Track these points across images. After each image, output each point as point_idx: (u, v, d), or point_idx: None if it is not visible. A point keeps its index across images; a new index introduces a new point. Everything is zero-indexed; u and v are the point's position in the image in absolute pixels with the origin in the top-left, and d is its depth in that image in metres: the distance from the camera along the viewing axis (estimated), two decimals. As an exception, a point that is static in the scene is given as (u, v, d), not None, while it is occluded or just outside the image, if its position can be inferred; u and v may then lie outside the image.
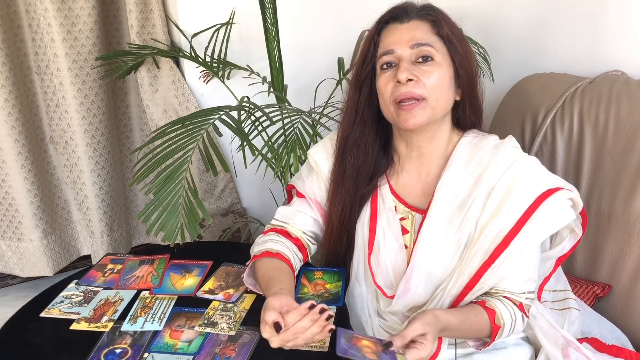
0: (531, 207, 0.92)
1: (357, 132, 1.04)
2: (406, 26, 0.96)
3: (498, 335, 0.94)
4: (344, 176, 1.06)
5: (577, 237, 1.01)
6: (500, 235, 0.93)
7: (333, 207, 1.08)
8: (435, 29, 0.96)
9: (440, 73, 0.94)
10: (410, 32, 0.95)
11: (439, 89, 0.94)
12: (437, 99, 0.94)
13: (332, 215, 1.08)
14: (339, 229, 1.08)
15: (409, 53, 0.94)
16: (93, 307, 1.03)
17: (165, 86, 1.79)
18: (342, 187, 1.06)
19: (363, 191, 1.06)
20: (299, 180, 1.14)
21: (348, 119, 1.05)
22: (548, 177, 0.96)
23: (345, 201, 1.06)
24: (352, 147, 1.05)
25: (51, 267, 1.85)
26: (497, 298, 0.96)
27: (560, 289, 1.14)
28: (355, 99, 1.03)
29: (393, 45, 0.95)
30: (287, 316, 0.82)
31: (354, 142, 1.05)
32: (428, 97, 0.93)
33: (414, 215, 1.03)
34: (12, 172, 1.70)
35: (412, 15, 0.97)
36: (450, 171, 0.99)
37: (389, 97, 0.96)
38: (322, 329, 0.82)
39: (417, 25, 0.96)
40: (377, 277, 1.03)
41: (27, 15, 1.64)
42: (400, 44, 0.95)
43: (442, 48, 0.96)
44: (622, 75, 1.37)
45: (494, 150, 0.99)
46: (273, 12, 1.53)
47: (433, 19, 0.97)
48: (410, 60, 0.94)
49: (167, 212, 1.08)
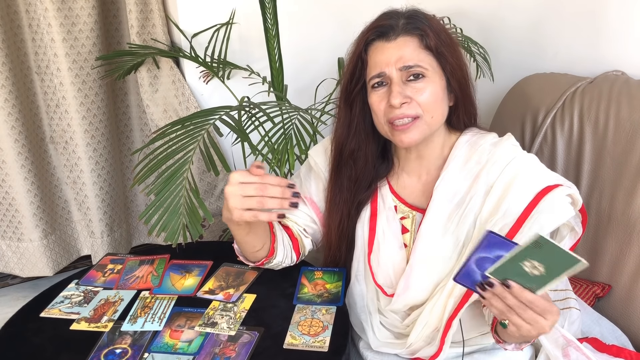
0: (531, 203, 0.92)
1: (353, 144, 1.03)
2: (393, 45, 0.94)
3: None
4: (342, 188, 1.06)
5: (577, 236, 1.01)
6: (502, 233, 0.92)
7: (331, 217, 1.08)
8: (423, 43, 0.94)
9: (433, 88, 0.94)
10: (399, 51, 0.93)
11: (433, 105, 0.94)
12: (431, 115, 0.95)
13: (331, 225, 1.09)
14: (338, 238, 1.09)
15: (399, 74, 0.94)
16: (93, 307, 1.03)
17: (165, 86, 1.79)
18: (339, 198, 1.07)
19: (361, 197, 1.06)
20: (297, 179, 1.16)
21: (341, 132, 1.04)
22: (547, 174, 0.96)
23: (343, 211, 1.07)
24: (348, 159, 1.05)
25: (51, 267, 1.85)
26: None
27: (561, 288, 1.14)
28: (347, 115, 1.03)
29: (382, 67, 0.94)
30: (254, 170, 0.85)
31: (349, 154, 1.04)
32: (422, 114, 0.94)
33: (414, 215, 1.03)
34: (12, 172, 1.70)
35: (399, 31, 0.94)
36: (448, 170, 0.99)
37: (382, 118, 0.96)
38: (283, 197, 0.85)
39: (405, 43, 0.94)
40: (377, 276, 1.04)
41: (27, 15, 1.64)
42: (389, 65, 0.93)
43: (431, 62, 0.95)
44: (622, 75, 1.37)
45: (493, 149, 0.99)
46: (273, 12, 1.53)
47: (420, 32, 0.94)
48: (402, 79, 0.94)
49: (169, 213, 1.08)
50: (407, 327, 1.02)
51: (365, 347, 1.08)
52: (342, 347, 0.92)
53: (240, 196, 0.86)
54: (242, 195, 0.86)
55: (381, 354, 1.05)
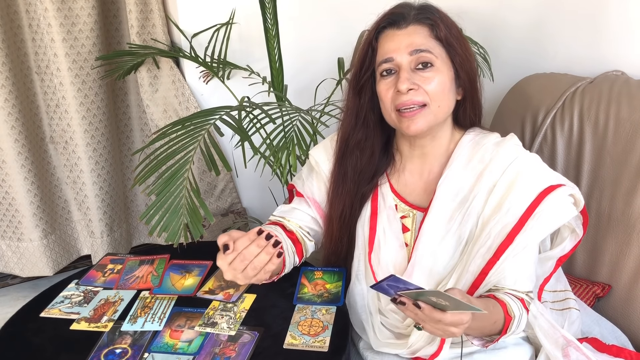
0: (533, 202, 0.92)
1: (360, 135, 1.04)
2: (404, 32, 0.95)
3: (509, 327, 0.93)
4: (345, 177, 1.06)
5: (578, 238, 1.01)
6: (504, 232, 0.93)
7: (333, 208, 1.08)
8: (433, 33, 0.95)
9: (441, 78, 0.95)
10: (409, 38, 0.94)
11: (440, 95, 0.95)
12: (438, 104, 0.95)
13: (333, 216, 1.09)
14: (339, 229, 1.09)
15: (408, 60, 0.94)
16: (93, 307, 1.03)
17: (165, 86, 1.79)
18: (342, 188, 1.07)
19: (364, 190, 1.07)
20: (299, 180, 1.16)
21: (349, 121, 1.05)
22: (549, 174, 0.97)
23: (346, 202, 1.07)
24: (355, 149, 1.05)
25: (51, 267, 1.85)
26: (502, 293, 0.96)
27: (561, 289, 1.14)
28: (356, 103, 1.03)
29: (392, 52, 0.95)
30: (237, 242, 0.89)
31: (356, 144, 1.05)
32: (429, 103, 0.94)
33: (415, 213, 1.03)
34: (12, 172, 1.70)
35: (410, 19, 0.96)
36: (452, 168, 1.00)
37: (390, 105, 0.97)
38: (271, 256, 0.89)
39: (415, 30, 0.95)
40: (377, 276, 1.04)
41: (27, 15, 1.64)
42: (399, 51, 0.94)
43: (441, 52, 0.96)
44: (622, 75, 1.37)
45: (496, 148, 0.99)
46: (273, 12, 1.53)
47: (431, 22, 0.95)
48: (410, 67, 0.94)
49: (170, 213, 1.08)
50: (408, 327, 1.02)
51: (365, 347, 1.08)
52: (342, 347, 0.92)
53: (235, 272, 0.91)
54: (236, 270, 0.91)
55: (381, 354, 1.05)
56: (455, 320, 0.80)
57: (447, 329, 0.81)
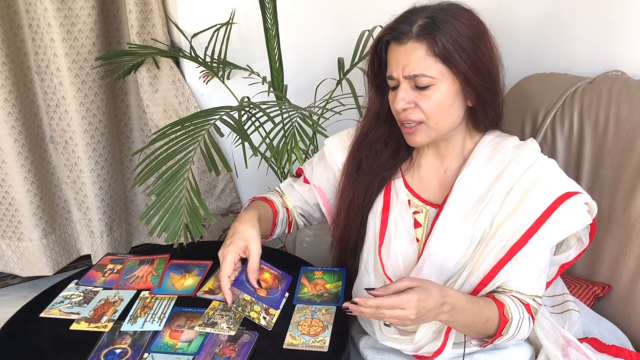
0: (550, 207, 0.93)
1: (382, 130, 1.07)
2: (402, 50, 0.94)
3: (505, 329, 0.93)
4: (359, 169, 1.09)
5: (584, 247, 1.02)
6: (519, 233, 0.93)
7: (343, 199, 1.10)
8: (431, 49, 0.92)
9: (439, 96, 0.94)
10: (406, 58, 0.93)
11: (437, 112, 0.95)
12: (436, 121, 0.96)
13: (341, 206, 1.11)
14: (347, 218, 1.10)
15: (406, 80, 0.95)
16: (93, 307, 1.03)
17: (165, 86, 1.79)
18: (356, 180, 1.09)
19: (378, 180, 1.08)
20: (309, 166, 1.19)
21: (370, 120, 1.07)
22: (566, 181, 0.98)
23: (355, 193, 1.08)
24: (374, 143, 1.07)
25: (51, 267, 1.85)
26: (505, 295, 0.96)
27: (559, 293, 1.15)
28: (377, 104, 1.06)
29: (392, 70, 0.96)
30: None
31: (377, 138, 1.07)
32: (426, 120, 0.96)
33: (428, 210, 1.04)
34: (12, 171, 1.70)
35: (410, 35, 0.93)
36: (470, 167, 1.01)
37: (395, 116, 1.00)
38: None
39: (413, 49, 0.92)
40: (386, 268, 1.04)
41: (27, 15, 1.64)
42: (397, 70, 0.95)
43: (440, 69, 0.92)
44: (622, 75, 1.36)
45: (515, 150, 1.00)
46: (273, 12, 1.53)
47: (430, 39, 0.91)
48: (409, 85, 0.95)
49: (170, 213, 1.08)
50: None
51: (365, 346, 1.08)
52: (342, 347, 0.92)
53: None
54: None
55: (382, 353, 1.05)
56: (394, 304, 0.84)
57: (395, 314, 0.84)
